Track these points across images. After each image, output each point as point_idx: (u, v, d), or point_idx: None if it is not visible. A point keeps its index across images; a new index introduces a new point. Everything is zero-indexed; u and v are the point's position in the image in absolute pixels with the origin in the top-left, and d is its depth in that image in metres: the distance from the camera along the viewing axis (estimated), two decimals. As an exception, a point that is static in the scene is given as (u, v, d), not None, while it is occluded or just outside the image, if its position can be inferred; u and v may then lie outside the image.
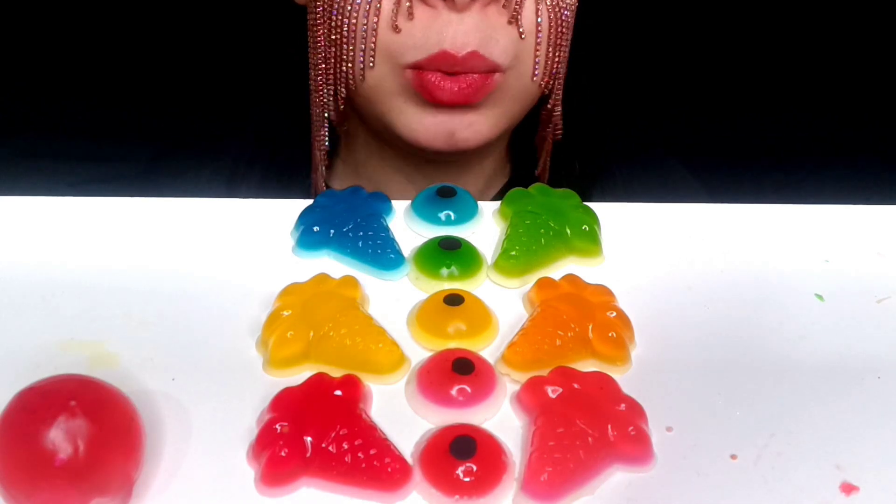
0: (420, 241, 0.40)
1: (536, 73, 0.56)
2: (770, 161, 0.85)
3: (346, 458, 0.29)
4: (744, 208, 0.44)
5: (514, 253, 0.39)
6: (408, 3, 0.52)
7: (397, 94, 0.55)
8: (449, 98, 0.53)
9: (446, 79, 0.52)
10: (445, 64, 0.52)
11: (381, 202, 0.42)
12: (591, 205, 0.42)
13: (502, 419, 0.31)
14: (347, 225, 0.40)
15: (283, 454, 0.28)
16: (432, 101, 0.53)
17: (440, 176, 0.61)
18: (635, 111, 0.81)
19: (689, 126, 0.86)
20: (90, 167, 0.71)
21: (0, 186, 0.43)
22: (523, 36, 0.53)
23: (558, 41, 0.56)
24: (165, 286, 0.38)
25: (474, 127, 0.55)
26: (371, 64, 0.54)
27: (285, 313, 0.34)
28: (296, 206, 0.42)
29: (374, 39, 0.53)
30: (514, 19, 0.53)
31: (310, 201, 0.42)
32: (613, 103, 0.75)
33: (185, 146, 0.71)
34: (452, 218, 0.42)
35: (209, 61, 0.85)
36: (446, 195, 0.43)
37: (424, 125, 0.55)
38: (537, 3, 0.53)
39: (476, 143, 0.56)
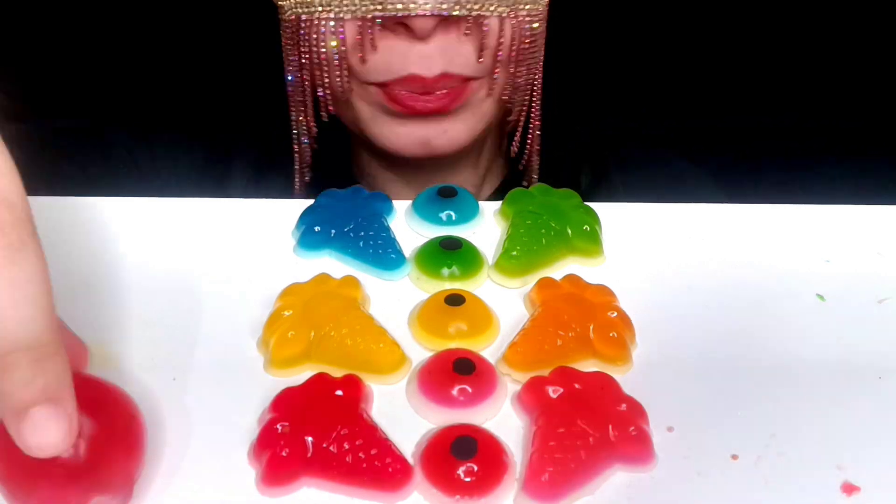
0: (421, 241, 0.40)
1: (493, 89, 0.55)
2: (770, 161, 0.85)
3: (347, 458, 0.29)
4: (744, 208, 0.44)
5: (515, 253, 0.39)
6: (371, 36, 0.52)
7: (368, 104, 0.55)
8: (423, 108, 0.53)
9: (418, 95, 0.53)
10: (416, 86, 0.52)
11: (381, 202, 0.42)
12: (592, 205, 0.42)
13: (503, 419, 0.31)
14: (348, 225, 0.40)
15: (283, 454, 0.28)
16: (406, 112, 0.53)
17: (429, 175, 0.61)
18: (635, 111, 0.81)
19: (688, 126, 0.86)
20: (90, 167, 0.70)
21: None
22: (481, 60, 0.53)
23: (520, 57, 0.55)
24: (166, 286, 0.38)
25: (449, 134, 0.55)
26: (347, 85, 0.54)
27: (286, 313, 0.34)
28: (296, 206, 0.42)
29: (345, 66, 0.53)
30: (475, 40, 0.53)
31: (311, 201, 0.42)
32: (613, 104, 0.75)
33: (185, 146, 0.71)
34: (453, 218, 0.42)
35: (209, 62, 0.85)
36: (447, 195, 0.42)
37: (397, 134, 0.55)
38: (501, 21, 0.53)
39: (452, 149, 0.56)
